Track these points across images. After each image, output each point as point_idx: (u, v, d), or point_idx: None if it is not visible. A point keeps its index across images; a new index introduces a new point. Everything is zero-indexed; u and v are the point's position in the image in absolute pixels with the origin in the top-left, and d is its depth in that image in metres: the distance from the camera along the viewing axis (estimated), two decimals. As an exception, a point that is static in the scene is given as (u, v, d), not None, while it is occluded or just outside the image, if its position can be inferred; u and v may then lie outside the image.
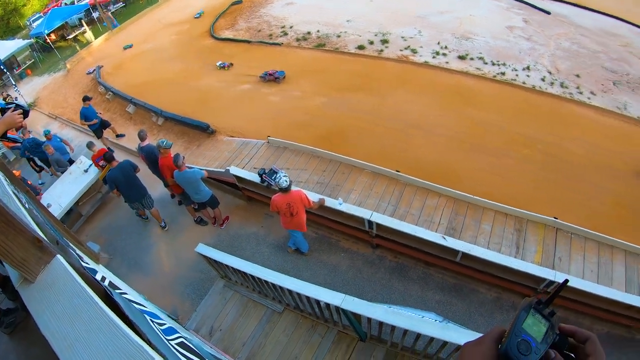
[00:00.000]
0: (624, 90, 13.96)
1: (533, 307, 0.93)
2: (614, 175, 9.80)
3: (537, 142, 10.27)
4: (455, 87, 12.33)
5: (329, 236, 8.48)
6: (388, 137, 10.63)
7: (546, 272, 6.64)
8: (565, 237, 8.14)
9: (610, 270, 7.88)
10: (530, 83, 12.67)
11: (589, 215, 8.79)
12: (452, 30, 15.68)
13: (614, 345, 7.10)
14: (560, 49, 15.15)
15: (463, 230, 8.10)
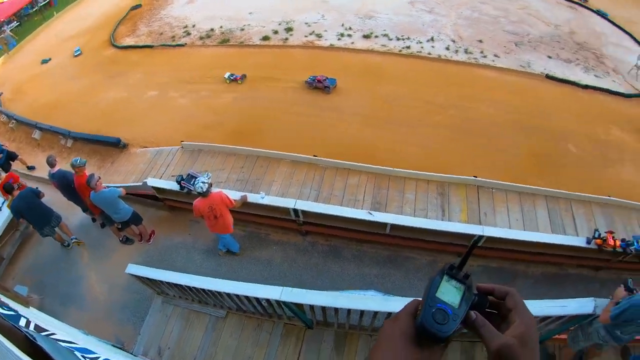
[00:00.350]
0: (526, 50, 14.67)
1: (446, 273, 0.89)
2: (523, 127, 10.23)
3: (448, 108, 10.57)
4: (363, 66, 12.52)
5: (257, 231, 8.31)
6: (302, 123, 10.54)
7: (474, 229, 6.86)
8: (487, 193, 8.46)
9: (534, 216, 8.34)
10: (436, 53, 13.07)
11: (506, 169, 9.22)
12: (355, 11, 15.85)
13: (551, 283, 7.56)
14: (462, 18, 15.72)
15: (388, 202, 8.18)
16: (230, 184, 8.79)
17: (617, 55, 17.10)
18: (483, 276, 7.47)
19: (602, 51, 17.13)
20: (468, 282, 0.88)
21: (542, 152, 10.30)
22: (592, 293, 4.54)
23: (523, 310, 0.88)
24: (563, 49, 16.00)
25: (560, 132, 11.18)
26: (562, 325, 4.78)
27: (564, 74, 14.16)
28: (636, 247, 7.09)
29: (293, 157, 8.98)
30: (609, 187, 9.63)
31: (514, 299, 0.89)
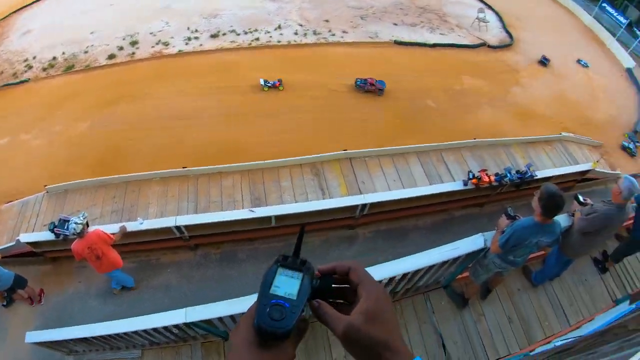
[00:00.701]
0: (372, 21, 15.36)
1: (280, 266, 0.82)
2: (388, 94, 10.57)
3: (305, 90, 10.64)
4: (215, 66, 12.26)
5: (147, 259, 7.77)
6: (163, 137, 10.10)
7: (355, 199, 7.11)
8: (361, 163, 8.74)
9: (410, 173, 8.81)
10: (285, 40, 13.20)
11: (373, 136, 9.36)
12: (199, 12, 15.45)
13: (442, 229, 8.05)
14: (307, 2, 16.07)
15: (267, 195, 8.12)
16: (106, 218, 8.11)
17: (459, 12, 18.58)
18: (378, 241, 7.72)
19: (444, 10, 18.49)
20: (306, 269, 0.82)
21: (404, 113, 10.86)
22: (482, 228, 4.70)
23: (368, 282, 0.83)
24: (407, 14, 16.99)
25: (418, 91, 11.89)
26: (461, 265, 4.98)
27: (411, 37, 15.06)
28: (510, 178, 7.77)
29: (162, 174, 8.50)
30: (473, 130, 10.44)
31: (357, 273, 0.84)
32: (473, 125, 11.25)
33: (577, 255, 5.51)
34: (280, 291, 0.78)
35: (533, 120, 12.74)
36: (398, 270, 4.08)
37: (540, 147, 10.60)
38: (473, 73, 14.12)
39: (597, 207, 4.81)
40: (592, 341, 2.88)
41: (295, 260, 0.83)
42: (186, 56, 12.98)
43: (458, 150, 9.51)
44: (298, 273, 0.81)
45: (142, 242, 7.28)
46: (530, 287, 6.05)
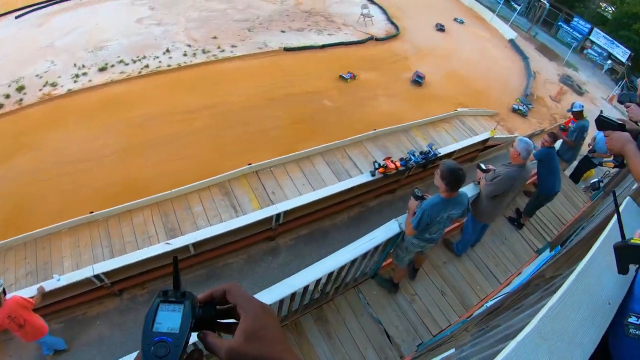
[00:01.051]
0: (260, 32, 15.44)
1: (160, 302, 0.79)
2: (277, 102, 10.80)
3: (202, 110, 10.68)
4: (107, 100, 11.79)
5: (73, 315, 7.33)
6: (65, 184, 9.60)
7: (268, 211, 7.15)
8: (267, 173, 8.82)
9: (317, 175, 8.98)
10: (175, 63, 12.96)
11: (276, 144, 9.49)
12: (84, 47, 14.72)
13: (360, 222, 8.34)
14: (192, 21, 15.81)
15: (180, 225, 7.96)
16: (22, 282, 7.47)
17: (343, 11, 19.10)
18: (300, 246, 7.86)
19: (329, 11, 18.94)
20: (186, 300, 0.80)
21: (303, 117, 11.07)
22: (398, 213, 4.80)
23: (244, 302, 0.81)
24: (293, 20, 17.23)
25: (313, 93, 12.15)
26: (383, 253, 5.11)
27: (300, 41, 15.33)
28: (415, 160, 8.14)
29: (70, 223, 8.05)
30: (372, 122, 10.82)
31: (232, 295, 0.83)
32: (372, 117, 11.65)
33: (491, 219, 5.81)
34: (163, 327, 0.76)
35: (429, 101, 13.42)
36: (322, 272, 4.13)
37: (439, 125, 11.19)
38: (364, 67, 14.63)
39: (500, 171, 5.11)
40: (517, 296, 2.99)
41: (175, 293, 0.81)
42: (76, 94, 12.33)
43: (360, 144, 9.82)
44: (179, 305, 0.79)
45: (64, 299, 6.91)
46: (454, 257, 6.35)
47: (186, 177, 8.64)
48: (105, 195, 8.91)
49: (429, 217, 4.14)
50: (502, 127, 12.81)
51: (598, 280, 1.47)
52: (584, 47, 25.17)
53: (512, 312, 2.52)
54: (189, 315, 0.78)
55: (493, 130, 9.90)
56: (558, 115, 15.46)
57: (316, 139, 9.96)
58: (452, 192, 4.12)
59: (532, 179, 7.58)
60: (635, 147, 2.21)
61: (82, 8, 18.22)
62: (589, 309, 1.36)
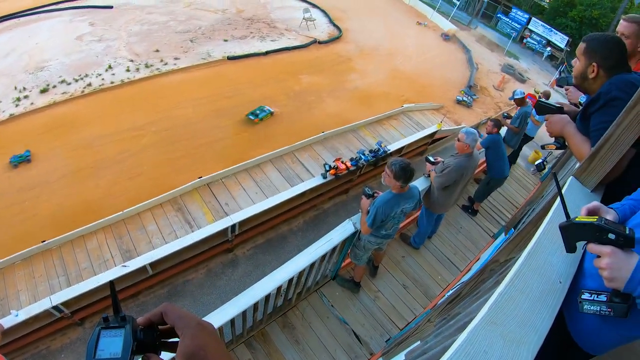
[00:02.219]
0: (202, 42, 14.83)
1: (101, 328, 0.75)
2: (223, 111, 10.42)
3: (149, 126, 10.11)
4: (51, 123, 10.88)
5: (37, 351, 6.72)
6: (13, 214, 8.74)
7: (223, 223, 6.79)
8: (219, 185, 8.43)
9: (269, 182, 8.68)
10: (118, 79, 12.20)
11: (225, 155, 9.18)
12: (24, 69, 13.52)
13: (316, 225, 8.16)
14: (133, 35, 14.94)
15: (136, 245, 7.47)
16: None
17: (285, 16, 18.69)
18: (259, 255, 7.57)
19: (271, 17, 18.47)
20: (127, 323, 0.76)
21: (250, 125, 10.67)
22: (353, 212, 4.67)
23: (180, 322, 0.76)
24: (236, 28, 16.67)
25: (259, 100, 11.74)
26: (341, 253, 4.97)
27: (243, 49, 14.85)
28: (365, 159, 8.00)
29: (23, 255, 7.35)
30: (321, 125, 10.58)
31: (168, 316, 0.78)
32: (320, 120, 11.43)
33: (445, 209, 5.71)
34: (105, 354, 0.73)
35: (375, 100, 13.31)
36: (281, 279, 3.94)
37: (386, 123, 11.12)
38: (309, 71, 14.33)
39: (449, 162, 5.03)
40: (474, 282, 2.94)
41: (115, 318, 0.78)
42: (18, 119, 11.28)
43: (310, 147, 9.60)
44: (120, 330, 0.76)
45: (25, 334, 6.32)
46: (413, 251, 6.26)
47: (139, 196, 8.16)
48: (57, 222, 8.24)
49: (384, 214, 4.04)
50: (448, 120, 12.87)
51: (547, 261, 1.45)
52: (523, 36, 25.87)
53: (471, 299, 2.49)
54: (129, 339, 0.75)
55: (440, 124, 9.94)
56: (502, 104, 15.76)
57: (265, 146, 9.66)
58: (402, 186, 4.01)
59: (482, 167, 7.60)
60: (574, 127, 2.24)
61: (20, 27, 16.78)
62: (540, 290, 1.34)
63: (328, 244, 4.24)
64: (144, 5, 17.88)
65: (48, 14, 17.76)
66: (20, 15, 17.95)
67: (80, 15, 17.11)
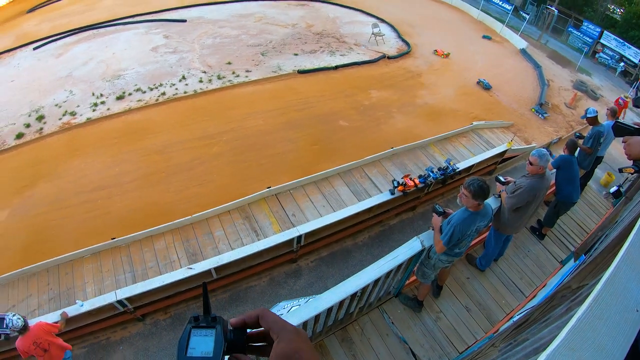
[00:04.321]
0: (273, 56, 15.62)
1: (192, 327, 0.83)
2: (293, 124, 10.82)
3: (220, 136, 10.76)
4: (125, 128, 11.97)
5: (97, 340, 7.33)
6: (86, 211, 9.67)
7: (289, 234, 7.10)
8: (287, 196, 8.86)
9: (337, 196, 9.00)
10: (191, 89, 13.19)
11: (294, 167, 9.56)
12: (101, 76, 14.99)
13: (381, 241, 8.22)
14: (206, 48, 16.06)
15: (202, 249, 7.99)
16: (45, 307, 7.61)
17: (354, 31, 19.32)
18: (322, 268, 7.80)
19: (340, 32, 19.14)
20: (217, 324, 0.83)
21: (320, 138, 11.09)
22: (419, 230, 4.82)
23: (277, 326, 0.84)
24: (306, 43, 17.43)
25: (329, 114, 12.20)
26: (406, 271, 5.03)
27: (313, 63, 15.47)
28: (433, 176, 8.08)
29: (92, 250, 8.16)
30: (389, 140, 10.82)
31: (265, 320, 0.86)
32: (389, 136, 11.66)
33: (515, 231, 5.72)
34: (197, 352, 0.79)
35: (444, 117, 13.39)
36: (345, 293, 4.07)
37: (455, 140, 11.17)
38: (379, 86, 14.69)
39: (521, 183, 5.07)
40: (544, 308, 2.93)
41: (206, 318, 0.84)
42: (95, 123, 12.51)
43: (379, 163, 9.84)
44: (211, 330, 0.82)
45: (88, 324, 6.90)
46: (478, 273, 6.25)
47: (207, 202, 8.72)
48: (127, 222, 8.96)
49: (460, 233, 4.13)
50: (518, 138, 12.71)
51: (625, 288, 1.46)
52: (595, 51, 25.02)
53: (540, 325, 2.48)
54: (221, 340, 0.81)
55: (510, 142, 9.84)
56: (574, 122, 15.29)
57: (334, 160, 10.00)
58: (478, 204, 4.11)
59: (553, 189, 7.47)
60: None
61: (99, 38, 18.65)
62: (617, 318, 1.34)
63: (394, 260, 4.33)
64: (216, 20, 19.26)
65: (124, 27, 19.60)
66: (98, 27, 19.92)
67: (155, 28, 18.76)
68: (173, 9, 20.65)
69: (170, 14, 19.96)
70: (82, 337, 7.25)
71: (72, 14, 21.73)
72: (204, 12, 20.38)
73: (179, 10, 20.43)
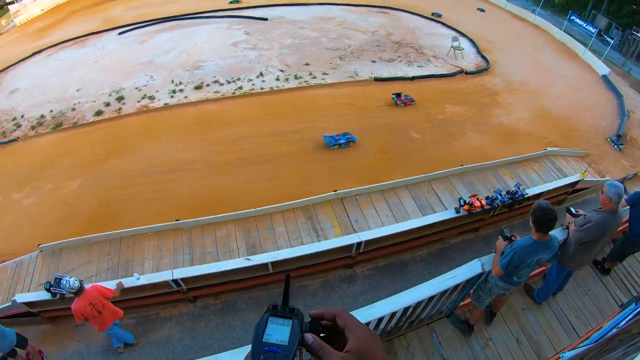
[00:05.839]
0: (351, 61, 15.93)
1: (270, 315, 0.89)
2: (364, 130, 10.92)
3: (292, 134, 11.09)
4: (201, 117, 12.63)
5: (146, 314, 7.77)
6: (154, 191, 10.29)
7: (349, 239, 7.23)
8: (352, 202, 8.99)
9: (402, 207, 9.03)
10: (268, 86, 13.73)
11: (361, 173, 9.77)
12: (182, 65, 15.94)
13: (439, 259, 8.23)
14: (285, 47, 16.65)
15: (262, 242, 8.27)
16: (102, 275, 8.19)
17: (434, 43, 19.30)
18: (377, 277, 7.84)
19: (420, 43, 19.19)
20: (295, 315, 0.90)
21: (390, 148, 11.19)
22: (479, 253, 4.74)
23: (355, 325, 0.91)
24: (384, 50, 17.63)
25: (401, 123, 12.27)
26: (462, 292, 5.01)
27: (390, 72, 15.61)
28: (501, 199, 7.93)
29: (155, 228, 8.66)
30: (459, 157, 10.76)
31: (343, 318, 0.93)
32: (459, 152, 11.57)
33: (578, 267, 5.57)
34: (272, 339, 0.84)
35: (518, 139, 13.10)
36: (399, 305, 4.12)
37: (527, 165, 10.90)
38: (454, 101, 14.59)
39: (591, 217, 4.91)
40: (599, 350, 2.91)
41: (284, 308, 0.91)
42: (172, 109, 13.35)
43: (447, 179, 9.78)
44: (288, 320, 0.89)
45: (140, 297, 7.32)
46: (534, 305, 6.09)
47: (270, 197, 9.00)
48: (191, 207, 9.42)
49: (519, 259, 4.08)
50: (592, 170, 12.21)
51: None
52: None
53: None
54: (297, 331, 0.86)
55: (583, 173, 9.51)
56: None
57: (402, 171, 10.04)
58: (544, 234, 4.05)
59: (624, 226, 7.14)
60: None
61: (182, 29, 19.86)
62: None
63: (452, 279, 4.33)
64: (296, 20, 19.94)
65: (207, 20, 20.70)
66: (182, 18, 21.14)
67: (236, 24, 19.70)
68: (255, 7, 21.61)
69: (253, 12, 20.87)
70: (133, 309, 7.66)
71: (155, 4, 23.42)
72: (286, 12, 21.16)
73: (261, 9, 21.32)
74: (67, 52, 20.44)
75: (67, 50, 20.62)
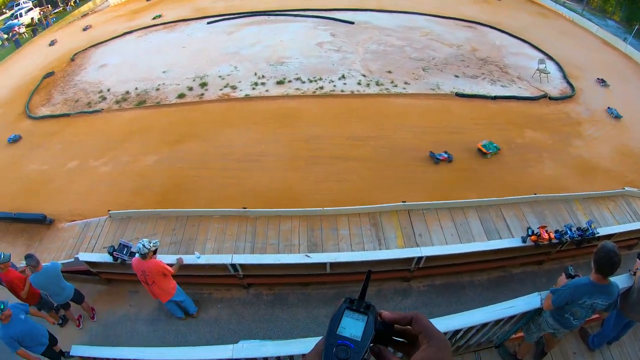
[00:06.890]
0: (434, 73, 15.85)
1: (346, 308, 0.90)
2: (440, 145, 10.89)
3: (367, 140, 11.19)
4: (279, 112, 13.05)
5: (200, 292, 8.08)
6: (225, 177, 10.76)
7: (411, 252, 7.17)
8: (418, 215, 8.95)
9: (468, 228, 8.89)
10: (349, 89, 13.94)
11: (432, 188, 9.66)
12: (266, 59, 16.53)
13: (498, 287, 7.99)
14: (369, 52, 16.83)
15: (324, 242, 8.42)
16: (164, 248, 8.57)
17: (519, 63, 18.78)
18: (432, 295, 7.76)
19: (505, 62, 18.76)
20: (370, 313, 0.90)
21: (463, 167, 11.07)
22: (540, 287, 4.69)
23: (430, 331, 0.90)
24: (468, 66, 17.40)
25: (477, 143, 12.10)
26: (516, 324, 4.95)
27: (472, 89, 15.38)
28: (570, 235, 7.62)
29: (223, 212, 9.06)
30: (533, 185, 10.48)
31: (420, 324, 0.91)
32: (534, 180, 11.23)
33: (639, 318, 5.30)
34: (346, 332, 0.85)
35: (596, 174, 12.53)
36: (450, 327, 4.13)
37: (602, 202, 10.40)
38: (534, 126, 14.14)
39: None
40: None
41: (361, 303, 0.91)
42: (252, 101, 13.90)
43: (517, 206, 9.54)
44: (363, 316, 0.89)
45: (197, 275, 7.66)
46: (587, 351, 5.85)
47: (338, 199, 9.17)
48: (260, 197, 9.78)
49: (570, 296, 4.00)
50: None
51: None
52: None
53: None
54: (371, 328, 0.87)
55: None
56: None
57: (472, 190, 9.95)
58: (602, 277, 3.92)
59: None
60: None
61: (270, 24, 20.59)
62: None
63: (509, 309, 4.31)
64: (382, 27, 20.09)
65: (294, 18, 21.32)
66: (270, 14, 21.90)
67: (323, 25, 20.15)
68: (342, 10, 21.97)
69: (340, 14, 21.24)
70: (188, 285, 7.85)
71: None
72: (372, 17, 21.36)
73: (348, 12, 21.65)
74: (156, 35, 21.82)
75: (156, 33, 22.02)
